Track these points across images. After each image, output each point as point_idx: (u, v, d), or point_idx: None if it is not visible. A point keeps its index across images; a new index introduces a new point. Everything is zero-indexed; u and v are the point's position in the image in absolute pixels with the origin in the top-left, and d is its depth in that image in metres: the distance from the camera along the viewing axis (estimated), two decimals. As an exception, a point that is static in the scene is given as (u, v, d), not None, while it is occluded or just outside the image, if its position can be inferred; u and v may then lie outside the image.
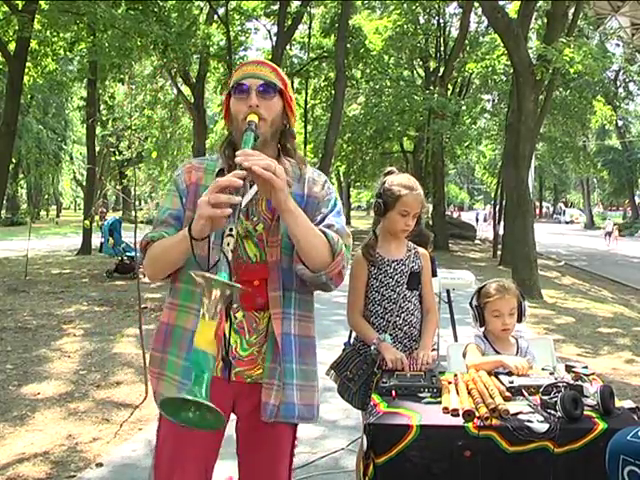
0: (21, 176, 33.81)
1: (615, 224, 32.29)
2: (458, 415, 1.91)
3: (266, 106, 1.67)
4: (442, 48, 22.41)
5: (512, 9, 17.14)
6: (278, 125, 1.73)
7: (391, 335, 2.52)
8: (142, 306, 5.83)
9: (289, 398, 1.71)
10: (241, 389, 1.71)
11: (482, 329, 2.65)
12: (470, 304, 2.65)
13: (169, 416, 1.29)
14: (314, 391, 1.79)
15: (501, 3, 14.03)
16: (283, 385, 1.69)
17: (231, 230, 1.45)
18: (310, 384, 1.77)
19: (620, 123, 39.88)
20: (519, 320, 2.61)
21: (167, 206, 1.76)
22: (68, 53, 14.97)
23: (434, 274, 4.46)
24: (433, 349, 2.58)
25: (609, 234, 29.32)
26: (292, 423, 1.78)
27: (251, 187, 1.68)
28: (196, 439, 1.66)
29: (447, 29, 23.10)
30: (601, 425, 1.87)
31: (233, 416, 1.80)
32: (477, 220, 38.35)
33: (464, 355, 2.57)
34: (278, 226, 1.68)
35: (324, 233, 1.66)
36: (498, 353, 2.53)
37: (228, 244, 1.45)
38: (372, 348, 2.46)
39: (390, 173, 2.60)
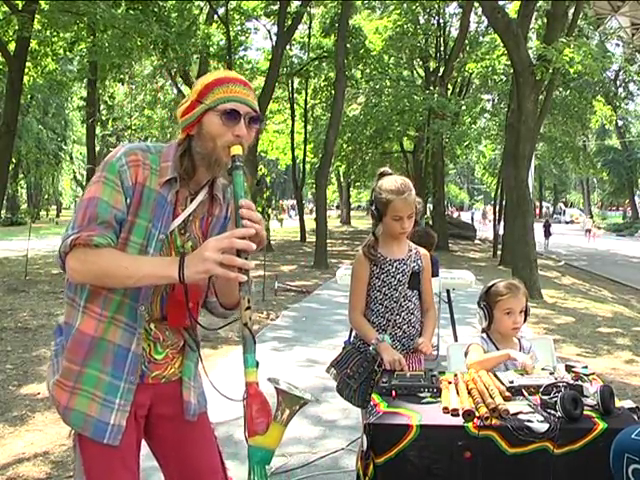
0: (21, 176, 33.83)
1: (593, 222, 34.09)
2: (458, 415, 1.91)
3: (248, 137, 1.60)
4: (442, 48, 22.43)
5: (512, 9, 17.15)
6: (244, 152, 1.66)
7: (391, 334, 2.53)
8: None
9: (200, 388, 1.81)
10: (157, 391, 1.70)
11: (485, 329, 2.66)
12: (478, 303, 2.67)
13: None
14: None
15: (501, 3, 14.03)
16: (197, 385, 1.77)
17: (249, 302, 1.47)
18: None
19: (620, 123, 39.93)
20: (524, 320, 2.63)
21: (109, 201, 1.54)
22: (68, 53, 14.99)
23: (436, 274, 4.47)
24: (433, 349, 2.59)
25: (588, 231, 30.82)
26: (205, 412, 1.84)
27: (191, 202, 1.66)
28: (119, 451, 1.63)
29: (447, 29, 23.14)
30: (601, 425, 1.87)
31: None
32: (472, 219, 38.99)
33: (466, 354, 2.58)
34: None
35: None
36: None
37: (250, 318, 1.46)
38: (371, 348, 2.48)
39: (383, 175, 2.60)
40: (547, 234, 25.60)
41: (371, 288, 2.57)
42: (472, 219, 39.97)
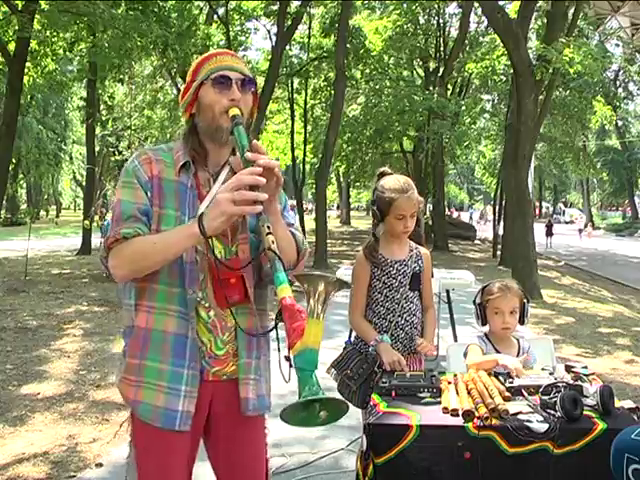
0: (21, 176, 33.82)
1: (591, 222, 35.49)
2: (458, 415, 1.91)
3: (244, 101, 1.66)
4: (442, 48, 22.41)
5: (512, 9, 17.13)
6: (248, 120, 1.72)
7: (392, 335, 2.52)
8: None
9: (261, 390, 1.76)
10: (217, 388, 1.70)
11: (484, 328, 2.67)
12: (474, 302, 2.68)
13: (296, 425, 1.31)
14: (270, 381, 1.83)
15: (501, 3, 14.03)
16: (258, 378, 1.74)
17: (269, 227, 1.47)
18: (268, 375, 1.82)
19: (620, 123, 39.89)
20: (521, 322, 2.62)
21: (130, 199, 1.63)
22: (68, 53, 14.95)
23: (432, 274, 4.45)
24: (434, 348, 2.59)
25: (580, 231, 32.22)
26: (263, 414, 1.81)
27: (215, 182, 1.67)
28: (178, 444, 1.66)
29: (447, 29, 23.10)
30: (601, 425, 1.87)
31: None
32: (470, 219, 39.40)
33: (465, 355, 2.58)
34: (245, 223, 1.68)
35: (291, 233, 1.69)
36: (499, 353, 2.54)
37: (273, 242, 1.46)
38: (370, 349, 2.47)
39: (382, 175, 2.59)
40: (549, 233, 26.07)
41: (372, 290, 2.56)
42: (470, 219, 40.30)
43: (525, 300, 2.63)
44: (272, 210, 1.58)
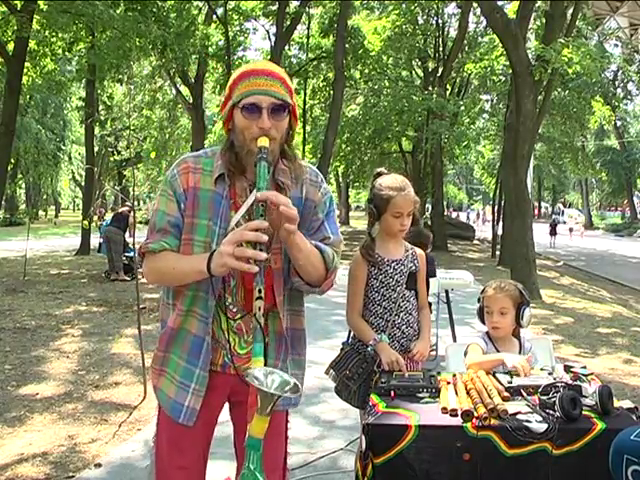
0: (20, 176, 33.80)
1: (577, 222, 37.28)
2: (457, 415, 1.91)
3: (277, 126, 1.64)
4: (441, 48, 22.43)
5: (511, 9, 17.15)
6: (284, 137, 1.71)
7: (390, 334, 2.52)
8: (140, 307, 5.83)
9: None
10: (237, 380, 1.74)
11: (484, 328, 2.68)
12: (478, 300, 2.72)
13: None
14: (303, 378, 1.87)
15: (500, 3, 14.04)
16: None
17: (260, 292, 1.50)
18: (301, 372, 1.86)
19: (619, 123, 39.94)
20: (518, 325, 2.61)
21: (164, 210, 1.71)
22: (67, 53, 14.95)
23: (434, 274, 4.46)
24: (432, 349, 2.59)
25: (571, 230, 32.99)
26: (285, 410, 1.85)
27: (250, 192, 1.68)
28: (188, 434, 1.76)
29: (446, 29, 23.12)
30: (599, 425, 1.87)
31: (226, 417, 1.88)
32: (468, 220, 39.57)
33: (466, 354, 2.58)
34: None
35: (320, 250, 1.70)
36: (500, 352, 2.54)
37: (259, 308, 1.49)
38: (369, 349, 2.47)
39: (379, 175, 2.61)
40: (553, 232, 26.44)
41: (369, 289, 2.57)
42: (467, 219, 40.46)
43: (525, 303, 2.60)
44: (290, 243, 1.61)
